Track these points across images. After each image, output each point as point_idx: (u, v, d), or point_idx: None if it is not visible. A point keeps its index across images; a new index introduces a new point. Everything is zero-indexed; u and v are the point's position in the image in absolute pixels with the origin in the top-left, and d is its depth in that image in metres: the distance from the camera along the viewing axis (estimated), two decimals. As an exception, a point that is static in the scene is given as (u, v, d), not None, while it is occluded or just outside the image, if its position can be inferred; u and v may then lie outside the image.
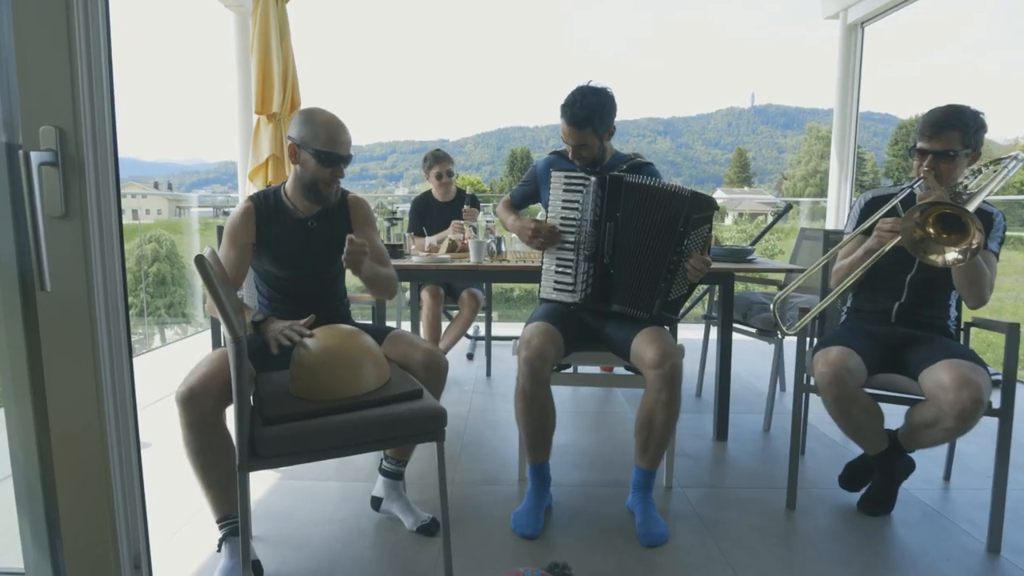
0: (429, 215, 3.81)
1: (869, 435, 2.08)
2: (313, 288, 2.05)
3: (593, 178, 2.14)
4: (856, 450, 2.44)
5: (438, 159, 3.80)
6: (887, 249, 1.99)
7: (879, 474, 2.20)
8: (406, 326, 4.04)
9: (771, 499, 2.31)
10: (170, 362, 4.21)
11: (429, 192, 3.92)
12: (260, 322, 1.86)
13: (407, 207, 4.15)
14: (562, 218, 2.21)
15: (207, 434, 1.68)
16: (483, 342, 4.18)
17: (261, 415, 1.56)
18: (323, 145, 1.93)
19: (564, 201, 2.21)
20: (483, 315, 3.96)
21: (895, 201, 2.13)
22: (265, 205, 2.05)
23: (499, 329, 5.29)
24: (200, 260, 1.37)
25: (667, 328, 2.18)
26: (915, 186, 2.09)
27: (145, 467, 2.42)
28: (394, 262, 2.78)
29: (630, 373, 2.34)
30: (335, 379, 1.65)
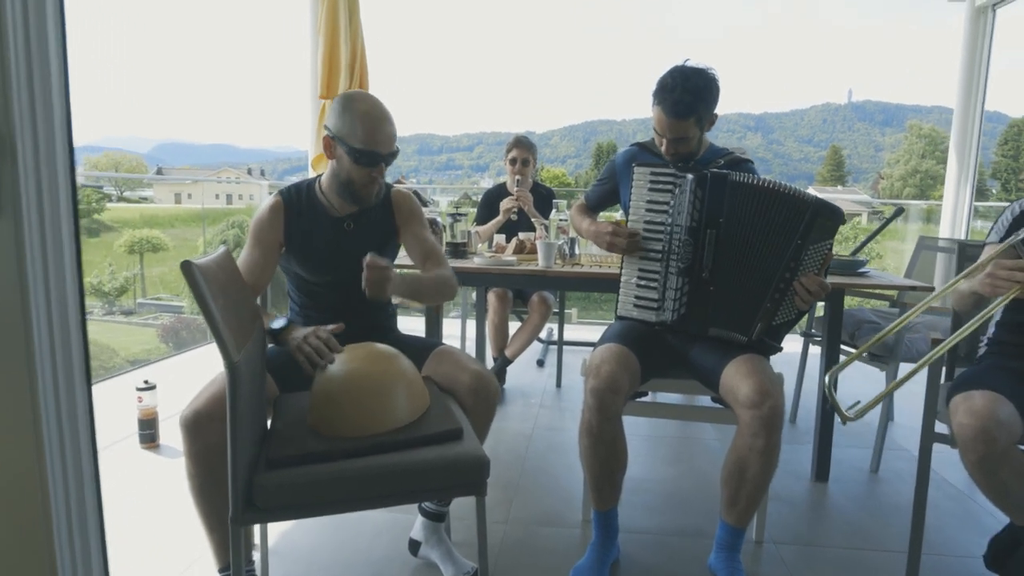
0: (499, 207, 3.52)
1: (1022, 503, 1.67)
2: (351, 296, 1.80)
3: (690, 176, 1.78)
4: (993, 509, 2.01)
5: (518, 143, 3.48)
6: (1002, 303, 1.59)
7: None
8: (471, 328, 3.79)
9: (886, 565, 1.93)
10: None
11: (504, 184, 3.65)
12: (280, 331, 1.58)
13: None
14: (646, 222, 1.87)
15: (213, 467, 1.44)
16: (556, 347, 3.87)
17: (265, 454, 1.31)
18: (360, 142, 1.66)
19: (649, 202, 1.87)
20: (557, 314, 3.66)
21: None
22: (296, 201, 1.81)
23: (575, 332, 4.95)
24: (187, 267, 1.12)
25: (765, 357, 1.83)
26: None
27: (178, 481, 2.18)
28: (456, 263, 2.54)
29: (718, 406, 1.99)
30: (359, 411, 1.38)
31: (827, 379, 1.66)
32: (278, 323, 1.61)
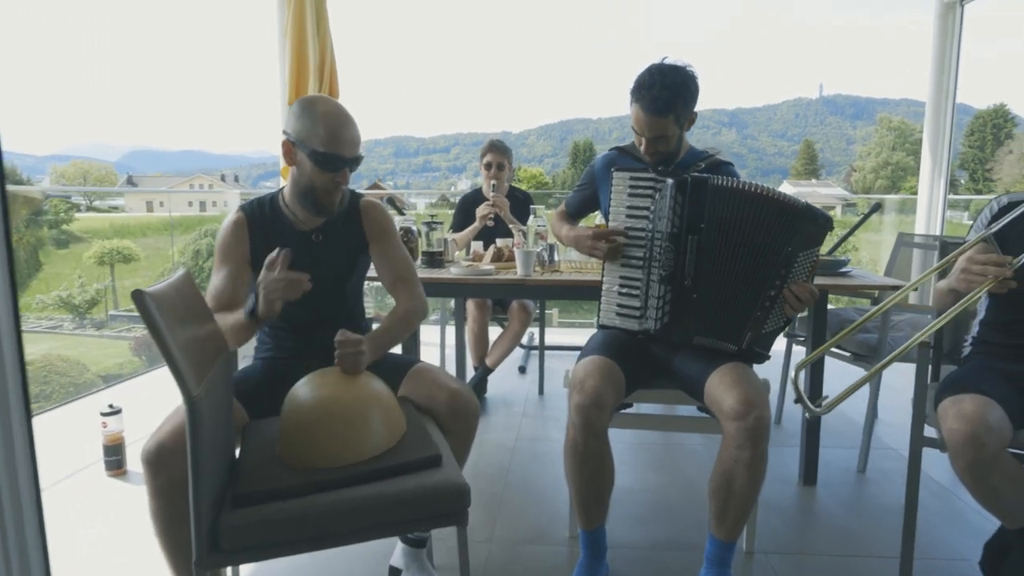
0: (475, 213, 3.45)
1: (1012, 507, 1.63)
2: (323, 314, 1.72)
3: (669, 180, 1.71)
4: (981, 508, 1.99)
5: (492, 147, 3.41)
6: (977, 296, 1.59)
7: (1021, 552, 1.75)
8: (451, 335, 3.71)
9: (878, 572, 1.89)
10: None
11: (480, 189, 3.58)
12: (253, 310, 1.50)
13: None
14: (626, 228, 1.82)
15: (178, 505, 1.32)
16: (538, 352, 3.77)
17: (231, 491, 1.23)
18: (322, 145, 1.57)
19: (629, 208, 1.81)
20: (538, 320, 3.59)
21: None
22: (259, 215, 1.73)
23: (557, 336, 4.90)
24: (139, 297, 1.04)
25: (750, 365, 1.78)
26: None
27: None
28: (433, 273, 2.47)
29: (702, 415, 1.94)
30: (331, 441, 1.29)
31: (793, 372, 1.63)
32: (248, 304, 1.53)
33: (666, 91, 1.76)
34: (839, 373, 3.81)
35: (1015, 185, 54.55)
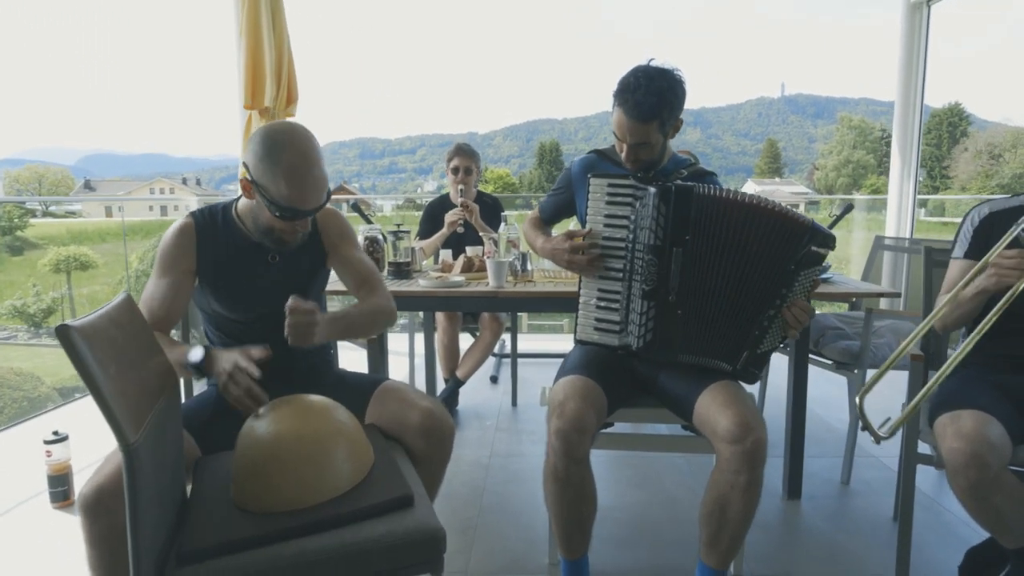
0: (443, 220, 3.31)
1: (1012, 526, 1.57)
2: (279, 334, 1.59)
3: (651, 188, 1.59)
4: (968, 519, 1.92)
5: (459, 151, 3.27)
6: (1015, 293, 1.52)
7: (1018, 569, 1.69)
8: (420, 343, 3.57)
9: (872, 594, 1.82)
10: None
11: (447, 195, 3.45)
12: (203, 365, 1.37)
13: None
14: (604, 237, 1.70)
15: (119, 555, 1.15)
16: (510, 361, 3.63)
17: (178, 543, 1.09)
18: (284, 201, 1.43)
19: (607, 216, 1.69)
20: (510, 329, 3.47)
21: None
22: (210, 225, 1.58)
23: (530, 343, 4.78)
24: (64, 333, 0.89)
25: (741, 384, 1.68)
26: None
27: None
28: (400, 286, 2.34)
29: (688, 433, 1.84)
30: (291, 482, 1.16)
31: (857, 400, 1.54)
32: (196, 355, 1.39)
33: (651, 96, 1.65)
34: (819, 380, 3.77)
35: (970, 183, 56.09)
